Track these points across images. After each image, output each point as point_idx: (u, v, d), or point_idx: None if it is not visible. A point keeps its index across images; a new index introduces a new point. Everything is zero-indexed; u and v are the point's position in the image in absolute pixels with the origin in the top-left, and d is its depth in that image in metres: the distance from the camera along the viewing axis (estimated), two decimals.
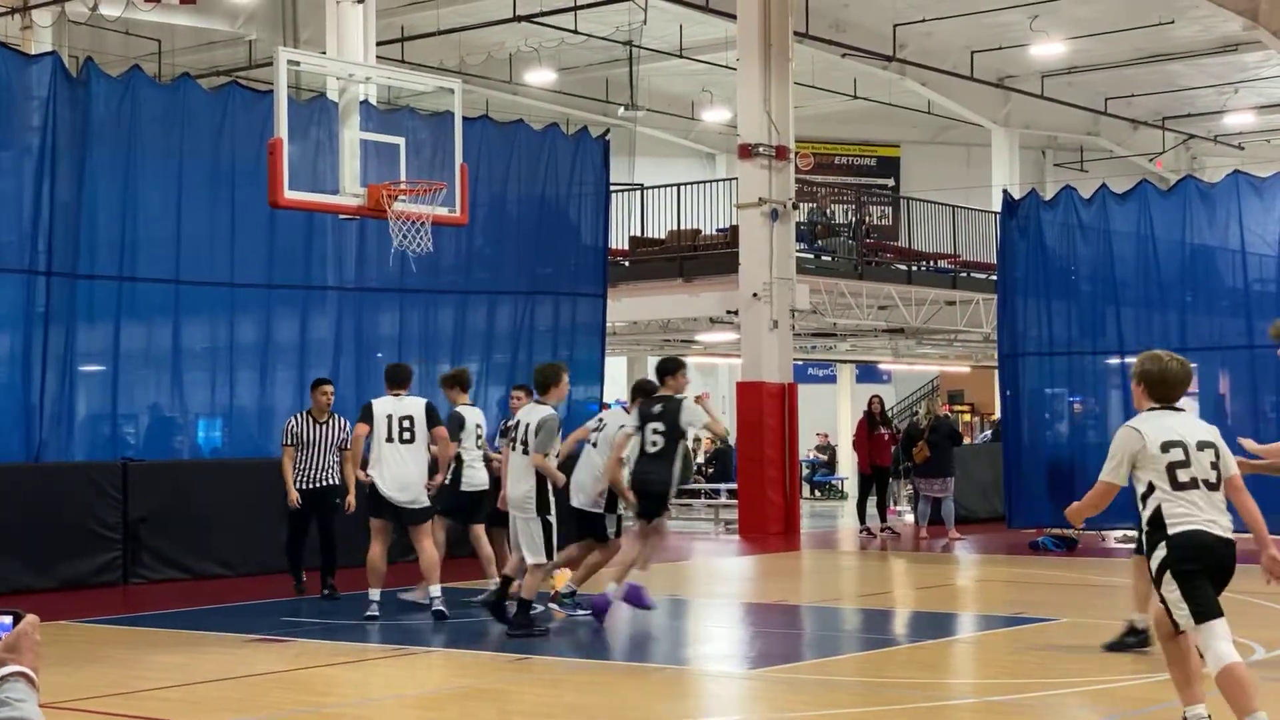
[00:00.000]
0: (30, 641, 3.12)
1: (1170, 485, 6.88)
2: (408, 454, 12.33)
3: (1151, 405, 7.18)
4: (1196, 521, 6.83)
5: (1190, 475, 6.88)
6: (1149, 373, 7.24)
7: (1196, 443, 6.97)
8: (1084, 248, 20.63)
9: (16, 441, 15.06)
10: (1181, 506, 6.85)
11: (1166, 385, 7.22)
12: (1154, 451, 6.91)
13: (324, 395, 14.02)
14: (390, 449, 12.30)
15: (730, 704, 9.41)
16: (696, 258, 24.73)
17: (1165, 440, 6.93)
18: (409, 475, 12.32)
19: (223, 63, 27.84)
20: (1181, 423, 7.12)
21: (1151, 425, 7.02)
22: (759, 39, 21.94)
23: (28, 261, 15.08)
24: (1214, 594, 6.88)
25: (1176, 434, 6.97)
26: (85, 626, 12.10)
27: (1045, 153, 38.31)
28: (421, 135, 16.22)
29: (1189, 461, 6.90)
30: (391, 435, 12.31)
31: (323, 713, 8.82)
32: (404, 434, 12.31)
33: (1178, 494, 6.86)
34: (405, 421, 12.33)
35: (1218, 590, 6.89)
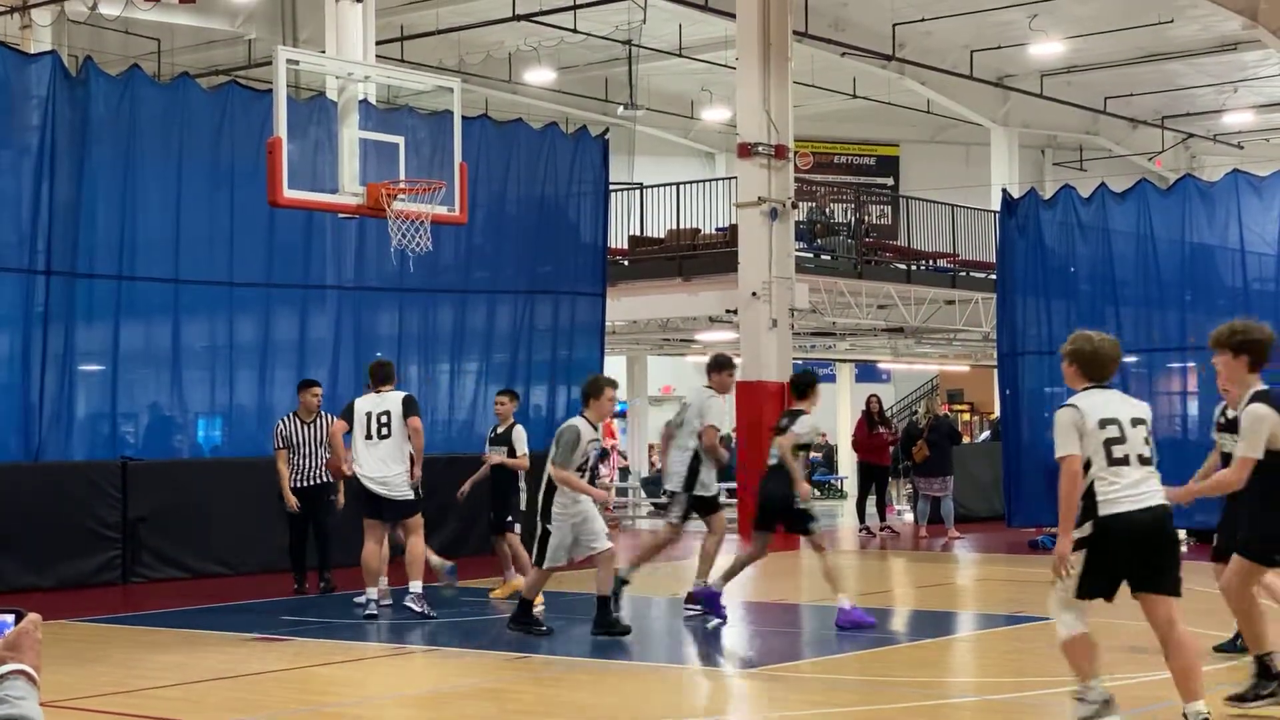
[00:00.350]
0: (31, 640, 3.12)
1: (1106, 461, 7.10)
2: (384, 450, 12.39)
3: (1085, 384, 7.39)
4: (1126, 501, 7.07)
5: (1124, 452, 7.11)
6: (1082, 351, 7.45)
7: (1130, 419, 7.20)
8: (1083, 247, 20.62)
9: (16, 441, 15.06)
10: (1113, 486, 7.08)
11: (1099, 364, 7.42)
12: (1092, 427, 7.12)
13: (313, 397, 14.28)
14: (367, 446, 12.42)
15: (730, 703, 9.41)
16: (696, 257, 24.72)
17: (1102, 417, 7.15)
18: (386, 471, 12.41)
19: (222, 62, 27.83)
20: (1115, 400, 7.34)
21: (1088, 402, 7.24)
22: (758, 38, 21.92)
23: (27, 261, 15.08)
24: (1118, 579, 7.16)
25: (1111, 411, 7.19)
26: (85, 626, 12.10)
27: (1044, 152, 38.31)
28: (421, 134, 16.22)
29: (1124, 438, 7.13)
30: (370, 432, 12.44)
31: (322, 712, 8.82)
32: (381, 429, 12.40)
33: (1112, 470, 7.09)
34: (383, 417, 12.43)
35: (1158, 561, 7.14)
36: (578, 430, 11.35)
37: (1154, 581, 7.20)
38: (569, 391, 19.99)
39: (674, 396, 38.62)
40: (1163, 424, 20.52)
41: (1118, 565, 7.13)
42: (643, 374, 33.16)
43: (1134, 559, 7.13)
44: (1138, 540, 7.11)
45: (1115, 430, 7.15)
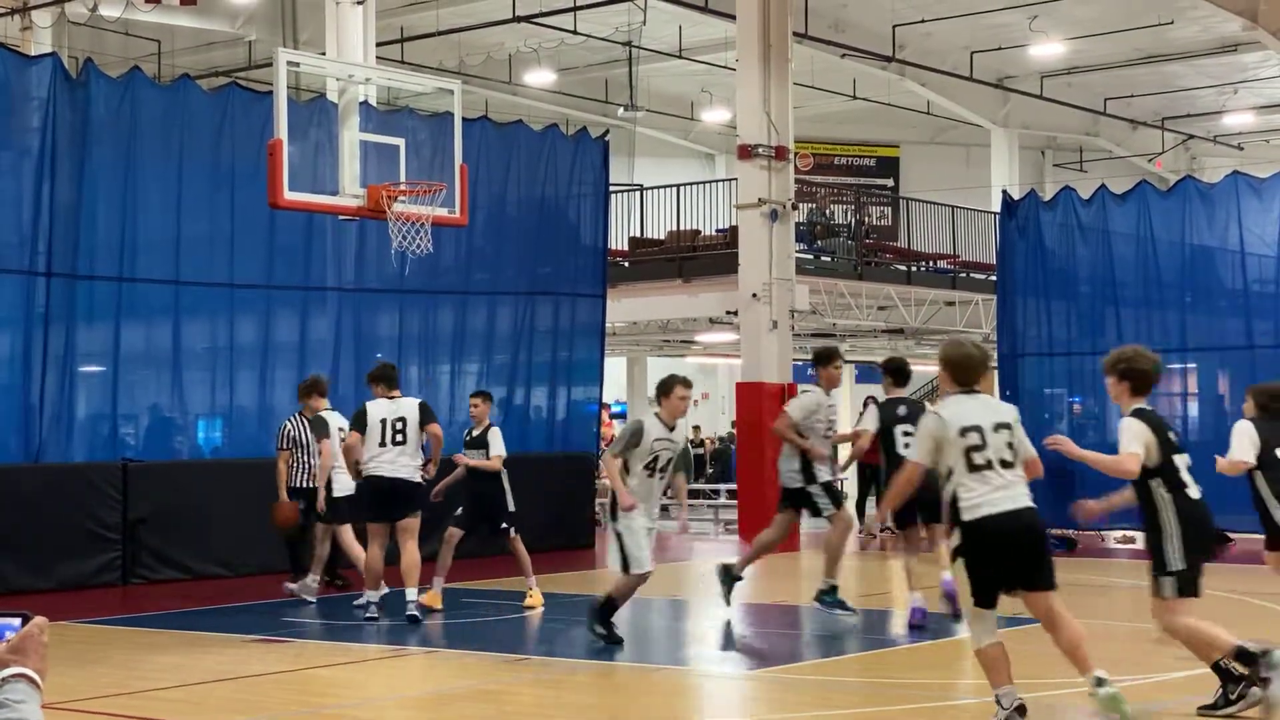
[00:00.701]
0: (36, 643, 3.13)
1: (967, 468, 7.42)
2: (399, 454, 12.26)
3: (954, 389, 7.68)
4: (987, 506, 7.41)
5: (985, 458, 7.43)
6: (951, 358, 7.75)
7: (993, 425, 7.51)
8: (1083, 248, 20.62)
9: (16, 442, 15.06)
10: (973, 493, 7.41)
11: (967, 370, 7.71)
12: (953, 436, 7.44)
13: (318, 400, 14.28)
14: (385, 451, 12.25)
15: (730, 704, 9.41)
16: (696, 258, 24.72)
17: (964, 425, 7.46)
18: (404, 474, 12.28)
19: (222, 64, 27.85)
20: (980, 406, 7.63)
21: (952, 411, 7.56)
22: (758, 39, 21.92)
23: (28, 262, 15.08)
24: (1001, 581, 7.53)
25: (974, 418, 7.49)
26: (85, 627, 12.10)
27: (1044, 153, 38.32)
28: (421, 136, 16.23)
29: (984, 444, 7.44)
30: (385, 439, 12.25)
31: (322, 713, 8.83)
32: (396, 436, 12.26)
33: (973, 476, 7.41)
34: (398, 424, 12.28)
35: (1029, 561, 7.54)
36: (642, 426, 10.79)
37: (1029, 580, 7.58)
38: (569, 393, 20.01)
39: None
40: None
41: (994, 568, 7.47)
42: (643, 375, 33.17)
43: (1006, 560, 7.49)
44: (1006, 543, 7.46)
45: (976, 437, 7.44)
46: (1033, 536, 7.58)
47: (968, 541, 7.46)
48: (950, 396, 7.69)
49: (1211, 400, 20.12)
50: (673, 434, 10.81)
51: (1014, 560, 7.51)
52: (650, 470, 10.71)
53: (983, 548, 7.45)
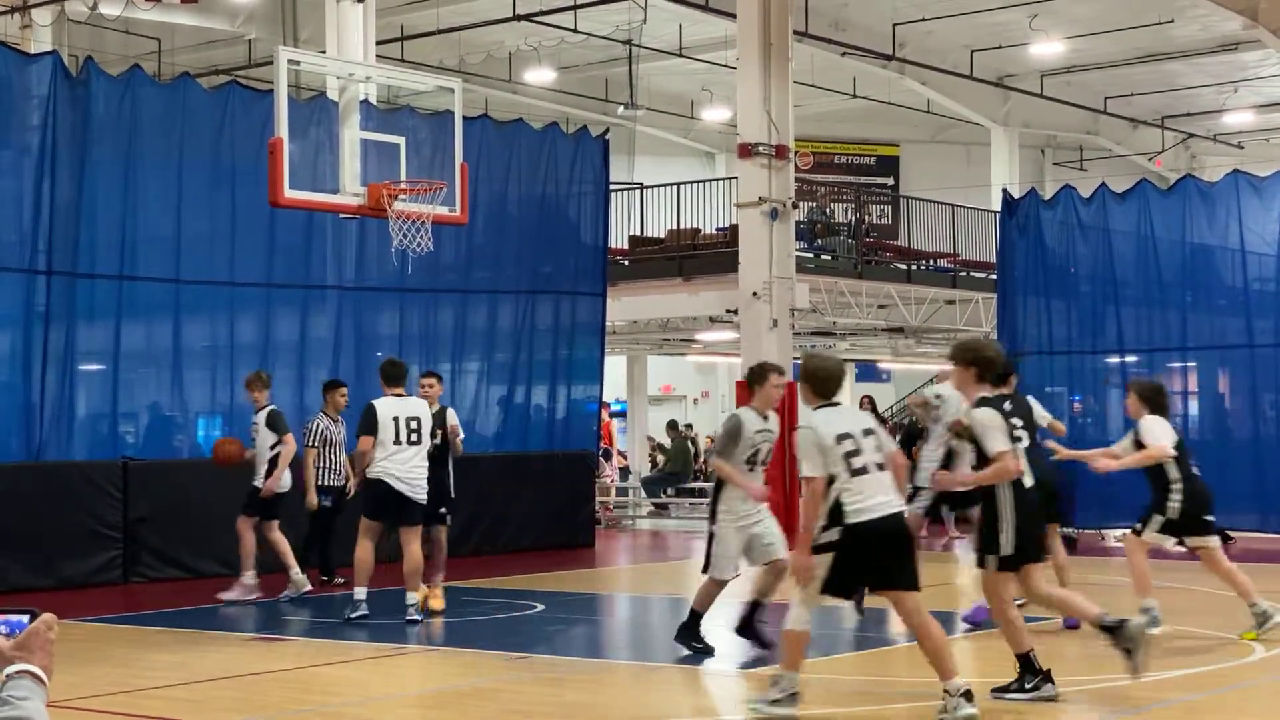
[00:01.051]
0: (42, 640, 3.13)
1: (849, 473, 7.85)
2: (414, 455, 12.15)
3: (818, 403, 8.13)
4: (869, 510, 7.83)
5: (863, 462, 7.89)
6: (813, 372, 8.22)
7: (862, 430, 7.98)
8: (1084, 247, 20.62)
9: (17, 441, 15.06)
10: (858, 495, 7.84)
11: (829, 382, 8.21)
12: (830, 444, 7.85)
13: (342, 397, 14.78)
14: (400, 451, 12.07)
15: (730, 703, 9.41)
16: (696, 257, 24.72)
17: (838, 433, 7.90)
18: (418, 476, 12.16)
19: (222, 62, 27.83)
20: (847, 416, 8.20)
21: (823, 420, 7.98)
22: (758, 38, 21.92)
23: (28, 261, 15.08)
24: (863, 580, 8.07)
25: (845, 426, 7.96)
26: (85, 625, 12.10)
27: (1045, 152, 38.31)
28: (421, 134, 16.23)
29: (860, 449, 7.89)
30: (400, 438, 12.05)
31: (323, 712, 8.83)
32: (411, 435, 12.10)
33: (855, 480, 7.85)
34: (412, 423, 12.13)
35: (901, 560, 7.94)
36: (740, 420, 10.34)
37: (897, 580, 8.00)
38: (569, 391, 20.00)
39: (674, 396, 38.67)
40: None
41: (863, 567, 7.92)
42: (643, 374, 33.15)
43: (878, 561, 7.92)
44: (882, 544, 7.89)
45: (851, 444, 7.89)
46: (903, 539, 8.04)
47: (845, 540, 7.83)
48: (816, 410, 8.09)
49: (1212, 399, 20.12)
50: (769, 423, 10.43)
51: (887, 561, 7.93)
52: (751, 464, 10.30)
53: (860, 548, 7.85)
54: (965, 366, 8.68)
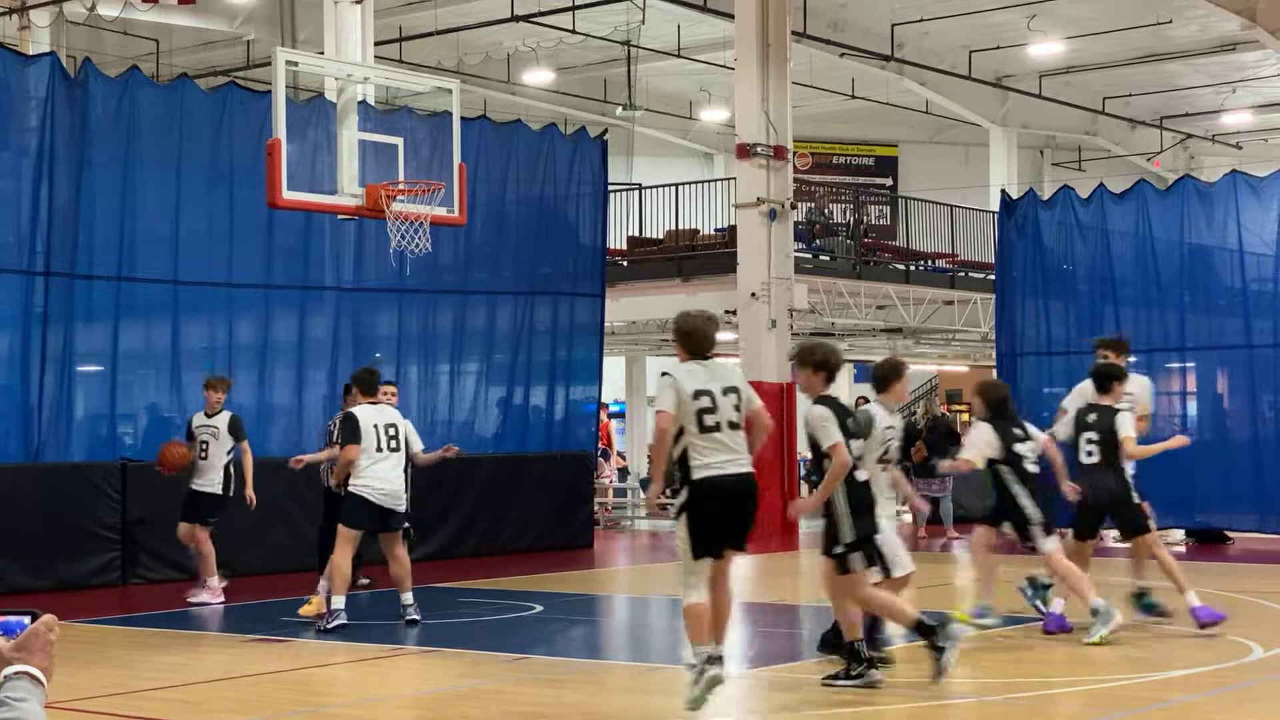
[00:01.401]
0: (42, 641, 3.13)
1: (698, 429, 8.09)
2: (396, 462, 12.05)
3: (687, 358, 8.31)
4: (716, 465, 8.12)
5: (715, 420, 8.13)
6: (682, 330, 8.40)
7: (722, 389, 8.20)
8: (1082, 247, 20.63)
9: (15, 442, 15.05)
10: (706, 452, 8.10)
11: (698, 340, 8.34)
12: (687, 399, 8.08)
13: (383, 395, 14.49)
14: (383, 459, 11.96)
15: (729, 703, 9.41)
16: (695, 257, 24.73)
17: (696, 388, 8.12)
18: (398, 484, 12.06)
19: (221, 63, 27.84)
20: (711, 371, 8.29)
21: (685, 373, 8.21)
22: (757, 39, 21.94)
23: (26, 262, 15.07)
24: (719, 538, 8.18)
25: (704, 383, 8.16)
26: (84, 627, 12.09)
27: (1043, 152, 38.32)
28: (420, 135, 16.22)
29: (715, 407, 8.14)
30: (380, 445, 11.98)
31: (321, 713, 8.83)
32: (390, 442, 11.99)
33: (703, 437, 8.10)
34: (390, 429, 12.02)
35: (741, 520, 8.28)
36: (873, 416, 9.89)
37: (735, 539, 8.30)
38: (568, 392, 19.99)
39: None
40: (1162, 424, 20.51)
41: (714, 523, 8.15)
42: (641, 375, 33.16)
43: (724, 517, 8.19)
44: (729, 503, 8.19)
45: (708, 400, 8.12)
46: (750, 501, 8.32)
47: (694, 498, 8.11)
48: (683, 363, 8.29)
49: (1210, 399, 20.12)
50: (894, 419, 10.26)
51: (732, 520, 8.21)
52: (884, 463, 9.89)
53: (708, 505, 8.12)
54: (815, 370, 9.06)
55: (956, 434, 20.98)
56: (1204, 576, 13.58)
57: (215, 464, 13.86)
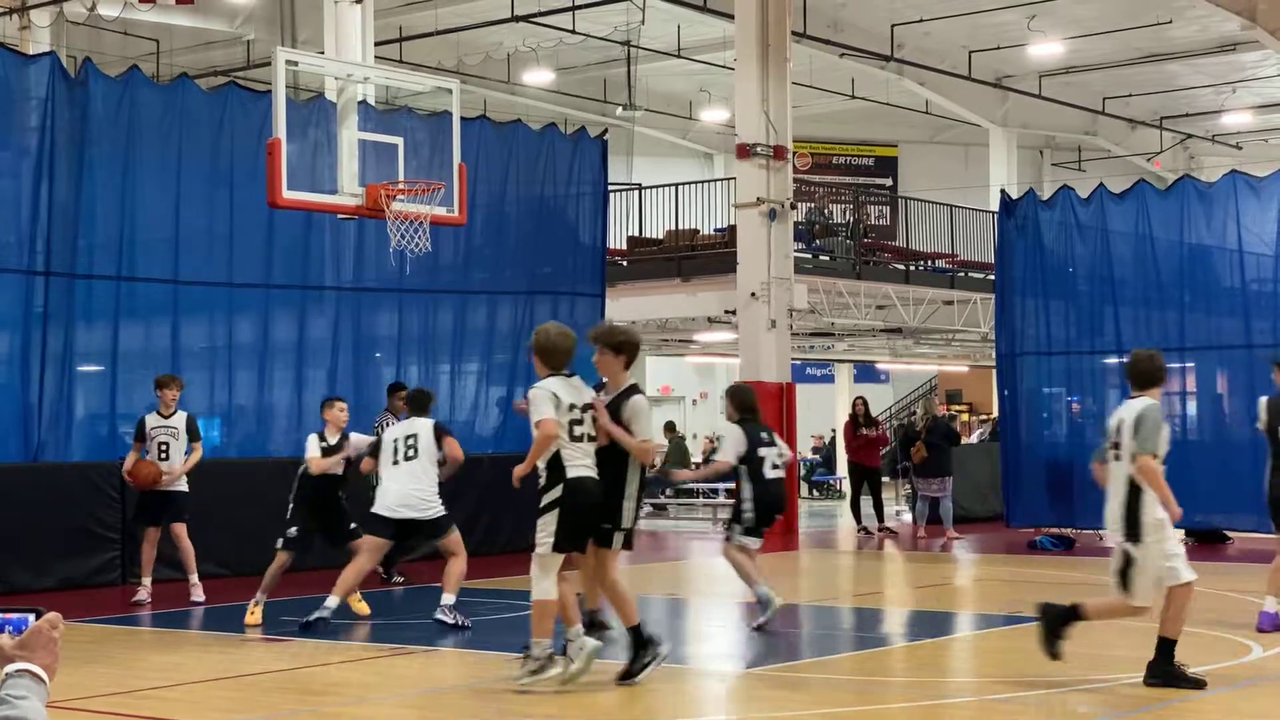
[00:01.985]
0: (45, 639, 3.13)
1: (569, 437, 8.93)
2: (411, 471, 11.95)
3: (547, 372, 9.12)
4: (582, 469, 8.95)
5: (581, 431, 9.00)
6: (541, 345, 9.29)
7: (582, 405, 9.05)
8: (1082, 247, 20.63)
9: (15, 442, 15.05)
10: (576, 457, 8.94)
11: (554, 354, 9.25)
12: (563, 409, 8.94)
13: (401, 399, 14.89)
14: (394, 470, 11.95)
15: (728, 703, 9.41)
16: (694, 257, 24.73)
17: (569, 402, 8.97)
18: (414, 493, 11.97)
19: (221, 63, 27.85)
20: (573, 387, 9.14)
21: (558, 387, 9.03)
22: (757, 39, 21.95)
23: (26, 261, 15.07)
24: (584, 533, 9.04)
25: (571, 397, 9.02)
26: (84, 626, 12.10)
27: (1043, 152, 38.33)
28: (419, 135, 16.22)
29: (582, 420, 9.01)
30: (397, 458, 11.95)
31: (322, 712, 8.83)
32: (409, 452, 11.97)
33: (573, 445, 8.94)
34: (410, 440, 12.01)
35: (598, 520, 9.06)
36: (1159, 409, 8.98)
37: (600, 536, 9.18)
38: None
39: (672, 397, 38.66)
40: None
41: (582, 522, 8.95)
42: (641, 375, 33.17)
43: (590, 517, 9.00)
44: (592, 501, 8.96)
45: (576, 413, 9.00)
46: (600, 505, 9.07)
47: (567, 496, 8.86)
48: (546, 378, 9.07)
49: (1210, 399, 20.12)
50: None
51: (596, 518, 9.04)
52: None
53: (580, 501, 8.90)
54: (615, 354, 9.53)
55: (956, 434, 20.98)
56: (1203, 576, 13.57)
57: (177, 463, 13.98)
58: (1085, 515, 19.54)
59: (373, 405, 16.96)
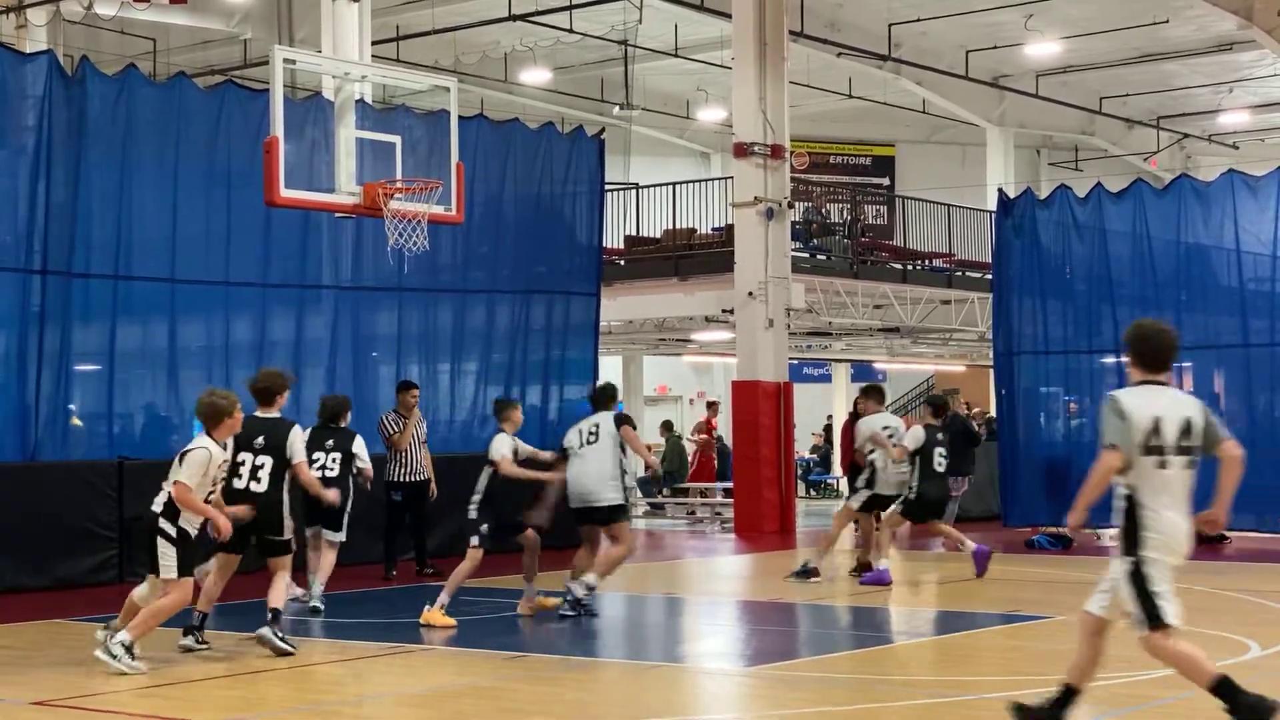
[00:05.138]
0: None
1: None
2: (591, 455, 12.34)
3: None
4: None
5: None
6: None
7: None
8: (1079, 247, 20.65)
9: (12, 441, 15.03)
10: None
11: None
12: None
13: (412, 397, 15.81)
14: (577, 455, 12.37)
15: (727, 701, 9.41)
16: (692, 257, 24.73)
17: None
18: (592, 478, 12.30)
19: (218, 61, 27.83)
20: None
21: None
22: (754, 38, 21.95)
23: (23, 260, 15.06)
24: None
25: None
26: (82, 625, 12.09)
27: (1040, 152, 38.35)
28: (417, 134, 16.21)
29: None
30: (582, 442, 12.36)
31: (321, 711, 8.83)
32: (589, 437, 12.35)
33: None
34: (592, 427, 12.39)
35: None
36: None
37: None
38: (561, 392, 19.96)
39: (669, 397, 38.65)
40: None
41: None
42: (638, 374, 33.16)
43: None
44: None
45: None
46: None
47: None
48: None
49: (1207, 398, 20.07)
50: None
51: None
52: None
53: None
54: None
55: (975, 433, 20.83)
56: (1201, 575, 13.59)
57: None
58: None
59: (372, 404, 16.97)
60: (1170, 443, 7.25)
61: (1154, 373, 7.43)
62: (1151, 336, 7.50)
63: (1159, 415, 7.25)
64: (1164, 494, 7.24)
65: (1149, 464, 7.21)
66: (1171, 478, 7.27)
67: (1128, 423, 7.20)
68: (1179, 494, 7.30)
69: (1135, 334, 7.57)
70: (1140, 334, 7.55)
